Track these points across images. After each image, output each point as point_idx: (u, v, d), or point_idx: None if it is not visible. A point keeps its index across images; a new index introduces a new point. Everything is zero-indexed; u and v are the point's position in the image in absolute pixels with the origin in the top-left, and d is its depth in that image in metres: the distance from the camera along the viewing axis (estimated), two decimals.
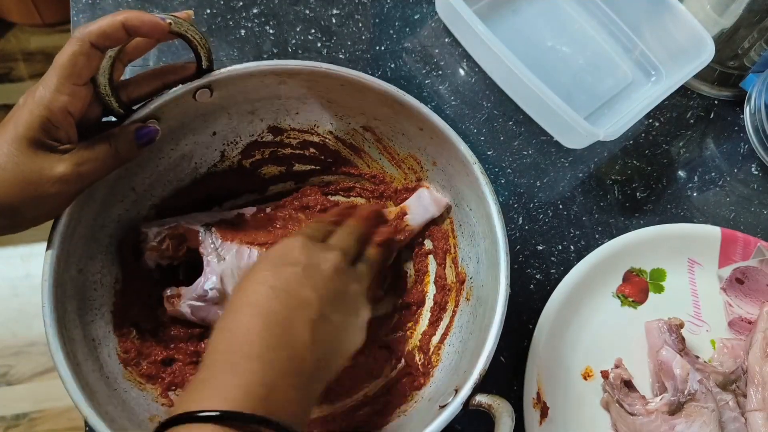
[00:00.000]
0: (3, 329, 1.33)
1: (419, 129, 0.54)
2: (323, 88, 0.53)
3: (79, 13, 0.66)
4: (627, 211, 0.67)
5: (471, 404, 0.44)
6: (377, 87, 0.52)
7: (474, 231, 0.54)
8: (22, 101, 0.41)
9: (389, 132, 0.56)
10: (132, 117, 0.46)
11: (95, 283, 0.49)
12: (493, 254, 0.50)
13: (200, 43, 0.47)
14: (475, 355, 0.47)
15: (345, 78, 0.51)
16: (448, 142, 0.52)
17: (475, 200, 0.53)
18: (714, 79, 0.74)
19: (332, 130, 0.57)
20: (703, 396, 0.54)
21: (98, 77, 0.43)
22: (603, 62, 0.74)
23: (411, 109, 0.52)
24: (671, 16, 0.70)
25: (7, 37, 1.60)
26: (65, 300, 0.45)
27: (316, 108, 0.56)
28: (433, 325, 0.56)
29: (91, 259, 0.49)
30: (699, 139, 0.73)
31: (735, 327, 0.62)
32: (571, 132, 0.65)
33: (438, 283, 0.58)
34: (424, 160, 0.57)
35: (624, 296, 0.62)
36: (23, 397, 1.28)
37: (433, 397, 0.50)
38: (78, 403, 0.41)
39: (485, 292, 0.51)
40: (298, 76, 0.52)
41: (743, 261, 0.63)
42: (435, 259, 0.59)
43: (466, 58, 0.71)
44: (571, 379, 0.58)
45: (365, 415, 0.53)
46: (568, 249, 0.64)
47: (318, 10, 0.71)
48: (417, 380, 0.54)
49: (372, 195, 0.60)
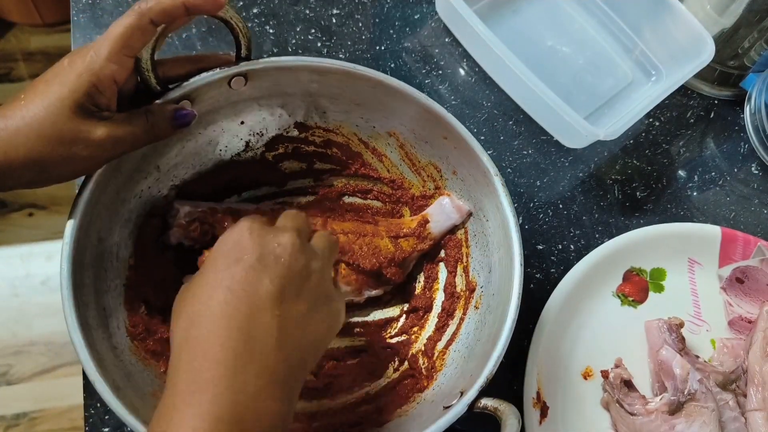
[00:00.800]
0: (3, 329, 1.33)
1: (443, 138, 0.54)
2: (354, 90, 0.54)
3: (79, 13, 0.66)
4: (627, 210, 0.67)
5: (476, 407, 0.44)
6: (408, 93, 0.52)
7: (488, 241, 0.55)
8: (68, 62, 0.42)
9: (413, 138, 0.57)
10: (167, 96, 0.47)
11: (112, 254, 0.50)
12: (507, 264, 0.50)
13: (242, 31, 0.48)
14: (482, 361, 0.47)
15: (377, 81, 0.52)
16: (471, 152, 0.52)
17: (492, 211, 0.53)
18: (714, 79, 0.74)
19: (357, 132, 0.58)
20: (703, 396, 0.54)
21: (142, 51, 0.44)
22: (603, 62, 0.74)
23: (438, 117, 0.52)
24: (671, 16, 0.70)
25: (7, 37, 1.60)
26: (83, 265, 0.46)
27: (345, 108, 0.56)
28: (440, 330, 0.57)
29: (110, 231, 0.50)
30: (699, 139, 0.73)
31: (735, 326, 0.62)
32: (571, 132, 0.65)
33: (447, 291, 0.58)
34: (445, 168, 0.57)
35: (624, 296, 0.62)
36: (23, 397, 1.28)
37: (436, 399, 0.51)
38: (86, 366, 0.42)
39: (496, 301, 0.51)
40: (333, 76, 0.52)
41: (743, 260, 0.63)
42: (446, 267, 0.59)
43: (466, 58, 0.71)
44: (571, 378, 0.58)
45: (365, 412, 0.53)
46: (568, 249, 0.64)
47: (318, 10, 0.71)
48: (420, 383, 0.54)
49: (389, 199, 0.60)
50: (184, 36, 0.67)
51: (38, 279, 1.38)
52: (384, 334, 0.58)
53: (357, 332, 0.58)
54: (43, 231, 1.42)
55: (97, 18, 0.66)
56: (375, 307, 0.59)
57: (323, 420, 0.53)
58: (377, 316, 0.59)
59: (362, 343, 0.57)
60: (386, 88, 0.52)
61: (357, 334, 0.58)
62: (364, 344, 0.57)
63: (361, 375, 0.55)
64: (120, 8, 0.67)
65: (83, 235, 0.46)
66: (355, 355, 0.56)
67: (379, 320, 0.58)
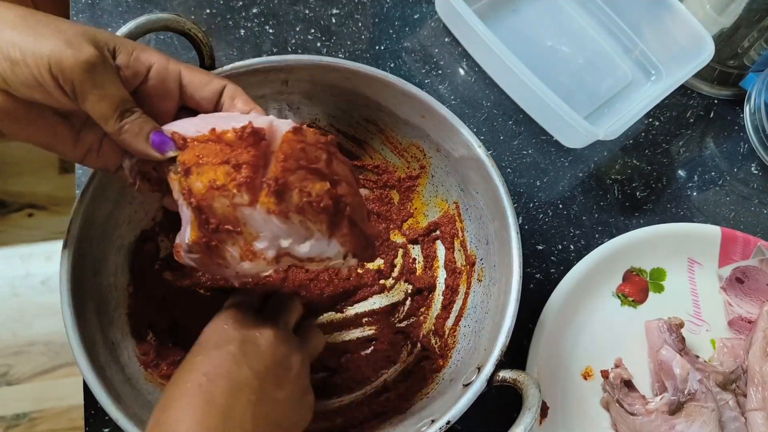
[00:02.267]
0: (3, 329, 1.33)
1: (422, 117, 0.54)
2: (327, 82, 0.54)
3: (78, 13, 0.66)
4: (627, 210, 0.67)
5: (495, 380, 0.45)
6: (381, 78, 0.52)
7: (482, 213, 0.55)
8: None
9: (392, 122, 0.57)
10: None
11: (110, 285, 0.50)
12: (503, 234, 0.51)
13: (203, 41, 0.48)
14: (494, 333, 0.47)
15: (350, 71, 0.52)
16: (451, 128, 0.53)
17: (481, 183, 0.54)
18: (714, 79, 0.74)
19: (334, 123, 0.58)
20: (703, 395, 0.54)
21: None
22: (603, 62, 0.74)
23: (414, 98, 0.53)
24: (671, 16, 0.70)
25: None
26: (85, 303, 0.46)
27: (319, 102, 0.56)
28: (446, 308, 0.57)
29: (104, 262, 0.49)
30: (699, 139, 0.73)
31: (735, 326, 0.62)
32: (571, 131, 0.65)
33: (448, 267, 0.59)
34: (427, 147, 0.57)
35: (624, 296, 0.62)
36: (23, 397, 1.28)
37: (455, 377, 0.51)
38: (106, 407, 0.42)
39: (498, 272, 0.52)
40: (303, 71, 0.53)
41: (743, 260, 0.63)
42: (443, 244, 0.59)
43: (466, 57, 0.71)
44: (571, 378, 0.58)
45: (387, 400, 0.54)
46: (568, 249, 0.64)
47: (318, 10, 0.71)
48: (435, 363, 0.54)
49: (376, 185, 0.61)
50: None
51: (38, 279, 1.38)
52: (392, 320, 0.58)
53: (366, 322, 0.58)
54: (43, 231, 1.42)
55: (96, 18, 0.66)
56: (379, 294, 0.59)
57: (347, 415, 0.53)
58: (383, 302, 0.59)
59: (372, 331, 0.58)
60: (359, 76, 0.53)
61: (366, 323, 0.58)
62: (375, 332, 0.58)
63: (376, 364, 0.56)
64: (119, 8, 0.67)
65: (79, 272, 0.45)
66: (367, 345, 0.57)
67: (385, 306, 0.59)
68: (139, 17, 0.46)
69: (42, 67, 0.35)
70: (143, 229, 0.53)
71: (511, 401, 0.53)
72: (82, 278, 0.46)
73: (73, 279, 0.44)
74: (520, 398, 0.47)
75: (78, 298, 0.44)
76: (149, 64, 0.40)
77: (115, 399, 0.42)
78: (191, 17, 0.67)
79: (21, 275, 1.38)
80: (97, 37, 0.38)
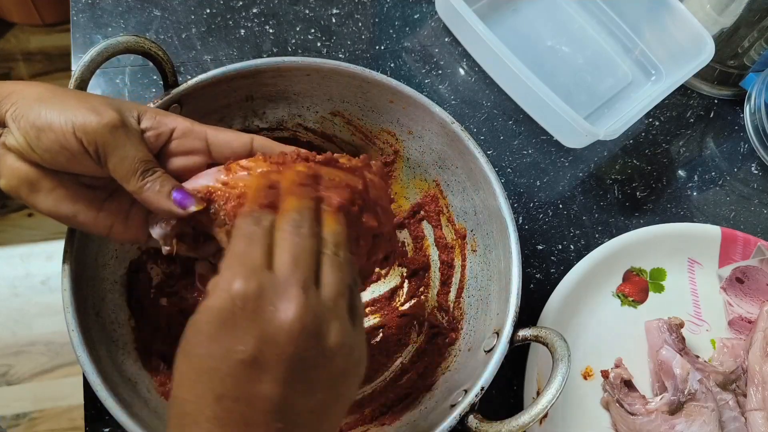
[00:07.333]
0: (3, 329, 1.33)
1: (390, 102, 0.55)
2: (288, 83, 0.54)
3: (78, 13, 0.66)
4: (627, 210, 0.67)
5: (516, 340, 0.46)
6: (342, 69, 0.53)
7: (464, 186, 0.56)
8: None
9: (358, 112, 0.57)
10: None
11: (113, 323, 0.49)
12: (490, 202, 0.52)
13: (164, 59, 0.48)
14: (503, 296, 0.48)
15: (310, 67, 0.53)
16: (421, 108, 0.53)
17: (459, 158, 0.54)
18: (714, 79, 0.74)
19: (301, 122, 0.58)
20: (703, 396, 0.54)
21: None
22: (603, 62, 0.74)
23: (378, 83, 0.53)
24: (671, 16, 0.70)
25: (7, 37, 1.60)
26: (96, 346, 0.45)
27: (283, 103, 0.56)
28: (446, 283, 0.58)
29: (102, 300, 0.49)
30: (699, 139, 0.73)
31: (735, 326, 0.62)
32: (571, 131, 0.65)
33: (439, 244, 0.59)
34: (399, 131, 0.57)
35: (624, 296, 0.62)
36: (23, 397, 1.28)
37: (473, 346, 0.52)
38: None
39: (493, 239, 0.53)
40: (264, 75, 0.53)
41: (743, 260, 0.63)
42: (429, 222, 0.60)
43: (466, 57, 0.71)
44: (571, 378, 0.58)
45: (409, 380, 0.54)
46: (568, 248, 0.64)
47: (318, 10, 0.71)
48: (448, 336, 0.55)
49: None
50: (183, 36, 0.67)
51: (38, 279, 1.38)
52: (394, 304, 0.59)
53: (369, 311, 0.59)
54: (43, 231, 1.42)
55: (96, 18, 0.66)
56: (375, 283, 0.60)
57: (373, 404, 0.53)
58: (382, 290, 0.59)
59: (377, 320, 0.58)
60: (319, 72, 0.53)
61: (369, 313, 0.59)
62: (380, 320, 0.58)
63: (389, 349, 0.56)
64: (119, 8, 0.67)
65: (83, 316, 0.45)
66: (376, 334, 0.57)
67: (384, 293, 0.59)
68: (98, 44, 0.46)
69: (67, 132, 0.37)
70: (131, 260, 0.53)
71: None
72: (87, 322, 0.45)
73: (81, 325, 0.44)
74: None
75: (89, 343, 0.44)
76: (172, 127, 0.42)
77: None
78: (191, 17, 0.68)
79: (21, 275, 1.38)
80: (122, 106, 0.40)
